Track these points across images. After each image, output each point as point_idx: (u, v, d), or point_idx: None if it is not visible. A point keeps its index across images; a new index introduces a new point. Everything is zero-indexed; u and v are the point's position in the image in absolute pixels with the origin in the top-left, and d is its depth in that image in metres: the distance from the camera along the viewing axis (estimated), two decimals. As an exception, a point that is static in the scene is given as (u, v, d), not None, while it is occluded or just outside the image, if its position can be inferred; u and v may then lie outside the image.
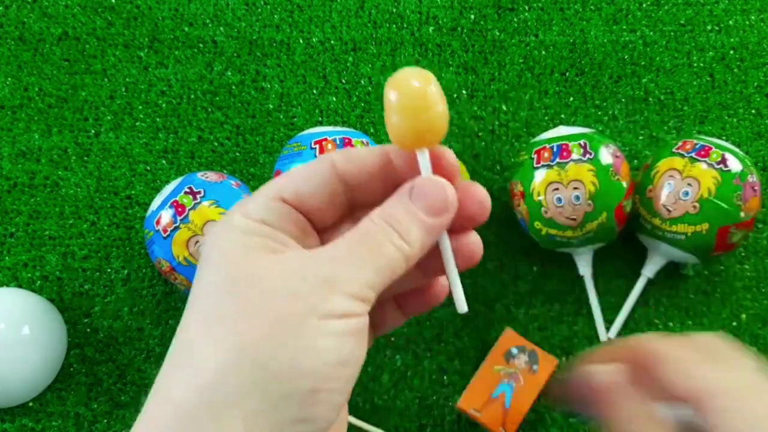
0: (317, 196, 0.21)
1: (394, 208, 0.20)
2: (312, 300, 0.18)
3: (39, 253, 0.47)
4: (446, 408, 0.44)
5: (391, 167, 0.22)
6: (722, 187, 0.40)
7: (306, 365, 0.17)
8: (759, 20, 0.54)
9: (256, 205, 0.20)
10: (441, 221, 0.21)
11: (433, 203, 0.20)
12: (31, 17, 0.53)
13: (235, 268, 0.19)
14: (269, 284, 0.18)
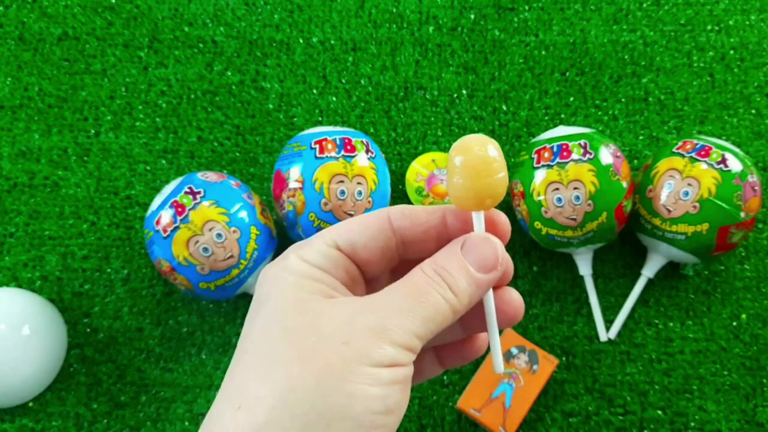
0: (370, 248, 0.22)
1: (446, 260, 0.21)
2: (362, 348, 0.18)
3: (39, 253, 0.47)
4: (446, 408, 0.44)
5: (445, 226, 0.23)
6: (722, 187, 0.40)
7: (353, 412, 0.18)
8: (759, 20, 0.54)
9: (312, 250, 0.21)
10: (490, 277, 0.21)
11: (484, 259, 0.21)
12: (31, 17, 0.53)
13: (290, 315, 0.19)
14: (322, 331, 0.19)
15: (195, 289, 0.40)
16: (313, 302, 0.20)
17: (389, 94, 0.52)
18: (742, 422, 0.44)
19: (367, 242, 0.22)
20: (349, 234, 0.22)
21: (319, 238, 0.22)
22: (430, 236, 0.23)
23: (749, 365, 0.45)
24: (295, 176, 0.41)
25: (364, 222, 0.22)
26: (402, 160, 0.50)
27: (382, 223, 0.22)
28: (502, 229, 0.23)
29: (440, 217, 0.22)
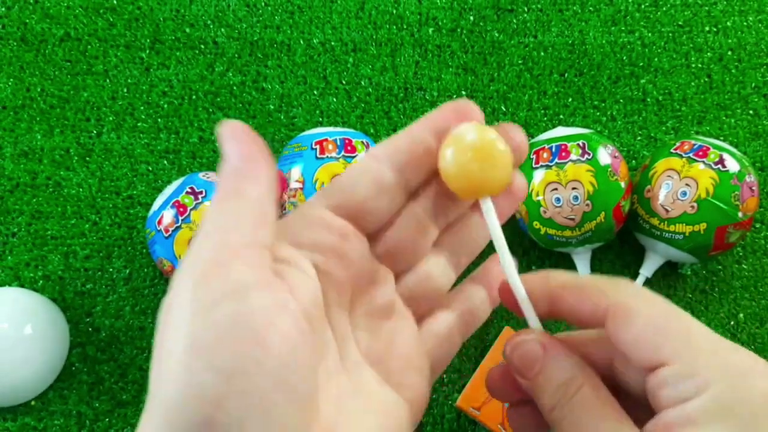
0: (365, 188, 0.20)
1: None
2: None
3: (41, 252, 0.47)
4: (446, 406, 0.44)
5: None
6: (720, 187, 0.41)
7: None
8: (756, 21, 0.54)
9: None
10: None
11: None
12: (33, 18, 0.53)
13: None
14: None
15: (196, 289, 0.41)
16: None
17: (389, 95, 0.52)
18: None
19: (355, 181, 0.20)
20: (337, 186, 0.20)
21: (307, 206, 0.20)
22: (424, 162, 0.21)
23: (747, 364, 0.45)
24: (295, 177, 0.41)
25: (348, 169, 0.21)
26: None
27: (362, 161, 0.21)
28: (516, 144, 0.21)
29: (419, 132, 0.21)
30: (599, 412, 0.19)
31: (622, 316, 0.19)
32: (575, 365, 0.20)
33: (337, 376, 0.19)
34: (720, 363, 0.17)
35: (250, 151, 0.18)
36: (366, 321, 0.21)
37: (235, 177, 0.18)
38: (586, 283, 0.20)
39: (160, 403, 0.16)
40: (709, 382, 0.17)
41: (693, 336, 0.18)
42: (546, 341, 0.20)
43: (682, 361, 0.17)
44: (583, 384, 0.19)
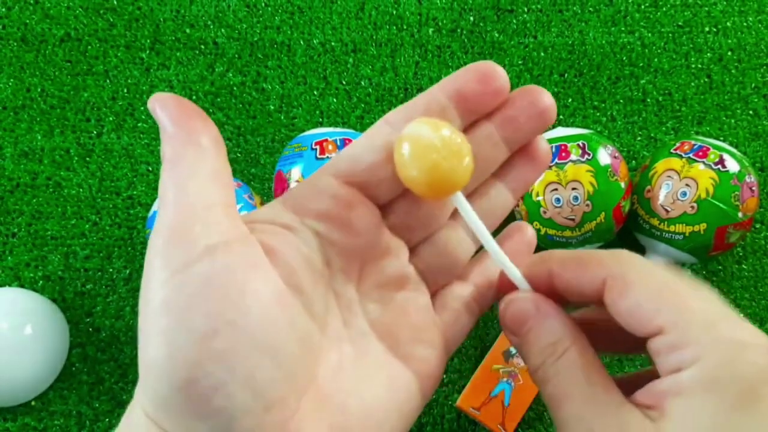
0: (374, 152, 0.19)
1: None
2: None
3: (41, 253, 0.47)
4: (445, 407, 0.44)
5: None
6: (720, 188, 0.41)
7: None
8: (756, 22, 0.54)
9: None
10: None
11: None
12: (33, 18, 0.53)
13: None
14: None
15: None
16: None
17: (389, 95, 0.52)
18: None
19: (364, 149, 0.20)
20: (345, 155, 0.20)
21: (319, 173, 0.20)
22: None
23: (747, 364, 0.45)
24: (296, 177, 0.41)
25: (359, 137, 0.20)
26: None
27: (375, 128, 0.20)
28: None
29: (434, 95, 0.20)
30: (582, 376, 0.18)
31: (618, 287, 0.18)
32: (564, 327, 0.19)
33: (340, 344, 0.19)
34: (715, 335, 0.17)
35: (182, 113, 0.18)
36: (377, 292, 0.21)
37: (176, 142, 0.18)
38: (584, 256, 0.20)
39: (146, 367, 0.16)
40: (701, 354, 0.16)
41: (690, 307, 0.17)
42: (539, 301, 0.20)
43: (675, 330, 0.17)
44: (569, 347, 0.19)
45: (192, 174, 0.17)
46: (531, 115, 0.20)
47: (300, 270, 0.18)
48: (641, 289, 0.18)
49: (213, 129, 0.18)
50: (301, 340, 0.17)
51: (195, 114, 0.18)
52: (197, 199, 0.17)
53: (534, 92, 0.20)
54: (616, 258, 0.19)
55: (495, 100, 0.20)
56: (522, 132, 0.21)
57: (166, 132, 0.18)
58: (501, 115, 0.20)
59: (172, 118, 0.18)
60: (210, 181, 0.17)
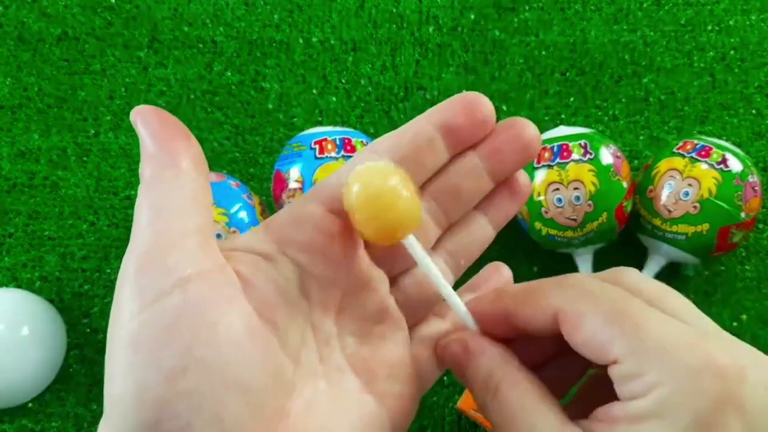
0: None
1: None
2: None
3: (38, 253, 0.47)
4: (446, 408, 0.44)
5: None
6: (723, 188, 0.40)
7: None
8: (759, 20, 0.53)
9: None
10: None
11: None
12: (30, 17, 0.53)
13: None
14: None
15: (194, 290, 0.40)
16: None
17: (389, 94, 0.51)
18: (742, 423, 0.44)
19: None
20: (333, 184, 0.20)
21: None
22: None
23: (750, 366, 0.45)
24: (295, 176, 0.41)
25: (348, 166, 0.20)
26: (402, 160, 0.50)
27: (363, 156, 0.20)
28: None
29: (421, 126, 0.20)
30: (516, 406, 0.18)
31: (570, 321, 0.18)
32: (494, 361, 0.19)
33: (314, 379, 0.19)
34: (669, 363, 0.16)
35: (166, 132, 0.17)
36: (355, 325, 0.20)
37: (156, 163, 0.17)
38: (532, 288, 0.19)
39: (111, 403, 0.16)
40: (655, 383, 0.16)
41: (643, 334, 0.17)
42: (468, 341, 0.20)
43: (629, 361, 0.17)
44: (501, 379, 0.19)
45: (170, 198, 0.17)
46: (515, 149, 0.20)
47: (276, 303, 0.18)
48: (592, 319, 0.17)
49: (196, 149, 0.18)
50: (273, 377, 0.17)
51: (178, 133, 0.18)
52: (174, 225, 0.17)
53: (519, 125, 0.20)
54: (565, 288, 0.19)
55: (481, 132, 0.20)
56: (506, 164, 0.21)
57: (147, 151, 0.17)
58: (486, 147, 0.21)
59: (154, 137, 0.17)
60: (188, 206, 0.17)
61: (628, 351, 0.17)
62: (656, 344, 0.17)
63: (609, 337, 0.17)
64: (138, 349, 0.15)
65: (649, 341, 0.17)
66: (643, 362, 0.17)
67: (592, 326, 0.17)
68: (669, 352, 0.16)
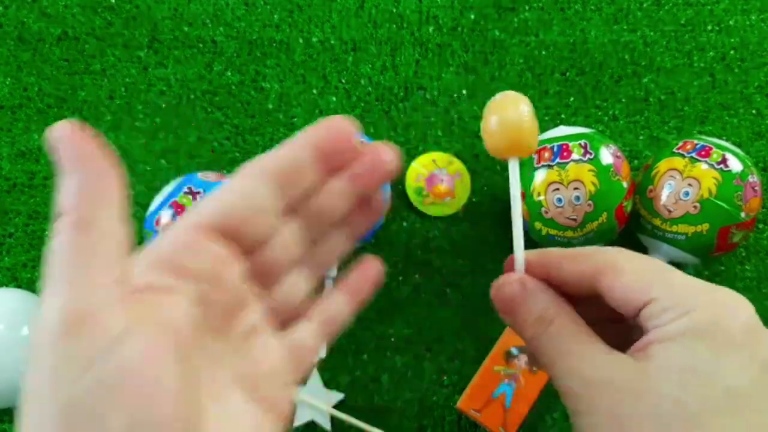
0: (244, 207, 0.20)
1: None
2: None
3: (38, 253, 0.47)
4: (446, 408, 0.44)
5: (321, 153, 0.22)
6: (723, 188, 0.40)
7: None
8: (759, 20, 0.53)
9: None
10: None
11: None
12: (30, 17, 0.53)
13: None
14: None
15: (195, 290, 0.40)
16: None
17: (389, 94, 0.51)
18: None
19: (236, 203, 0.20)
20: (212, 204, 0.20)
21: (175, 226, 0.20)
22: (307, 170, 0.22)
23: (750, 366, 0.45)
24: (294, 176, 0.41)
25: (223, 187, 0.21)
26: (402, 159, 0.50)
27: (242, 177, 0.21)
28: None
29: (298, 147, 0.21)
30: (570, 336, 0.22)
31: (611, 273, 0.21)
32: (549, 299, 0.23)
33: (212, 402, 0.19)
34: (704, 296, 0.20)
35: (91, 164, 0.17)
36: (235, 342, 0.21)
37: (80, 201, 0.16)
38: (577, 252, 0.23)
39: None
40: (689, 309, 0.19)
41: (677, 279, 0.21)
42: (525, 280, 0.24)
43: (667, 297, 0.20)
44: (555, 315, 0.22)
45: (94, 245, 0.16)
46: (375, 174, 0.22)
47: (185, 343, 0.18)
48: (632, 271, 0.21)
49: (122, 184, 0.18)
50: (195, 416, 0.17)
51: (105, 163, 0.17)
52: (98, 279, 0.16)
53: (379, 151, 0.22)
54: (605, 251, 0.23)
55: (347, 157, 0.22)
56: (366, 187, 0.23)
57: (71, 187, 0.16)
58: (350, 171, 0.23)
59: (83, 168, 0.16)
60: (113, 255, 0.16)
61: (665, 290, 0.20)
62: (689, 285, 0.20)
63: (648, 282, 0.21)
64: (72, 425, 0.14)
65: (684, 283, 0.20)
66: (680, 296, 0.20)
67: (632, 275, 0.21)
68: (701, 290, 0.20)
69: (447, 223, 0.48)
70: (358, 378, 0.45)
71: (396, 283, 0.47)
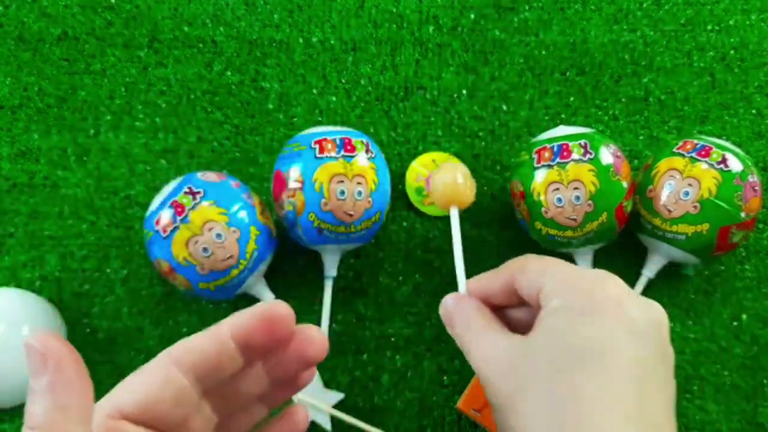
0: (165, 402, 0.21)
1: None
2: None
3: (38, 253, 0.47)
4: (446, 408, 0.44)
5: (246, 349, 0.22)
6: (723, 187, 0.40)
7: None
8: (759, 20, 0.54)
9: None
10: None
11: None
12: (30, 17, 0.53)
13: None
14: None
15: (194, 290, 0.40)
16: None
17: (389, 93, 0.51)
18: (742, 422, 0.44)
19: (157, 395, 0.20)
20: (133, 394, 0.20)
21: (97, 410, 0.20)
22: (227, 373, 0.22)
23: (750, 365, 0.45)
24: (294, 176, 0.41)
25: (145, 373, 0.21)
26: (402, 159, 0.50)
27: (164, 368, 0.21)
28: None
29: (225, 340, 0.22)
30: (479, 329, 0.29)
31: (519, 273, 0.29)
32: (471, 305, 0.31)
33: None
34: (579, 278, 0.27)
35: (72, 382, 0.18)
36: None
37: (51, 418, 0.17)
38: (500, 267, 0.31)
39: None
40: (567, 290, 0.27)
41: (562, 268, 0.28)
42: (459, 296, 0.32)
43: (552, 283, 0.28)
44: (473, 315, 0.30)
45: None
46: (299, 364, 0.24)
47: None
48: (530, 270, 0.29)
49: (90, 387, 0.18)
50: None
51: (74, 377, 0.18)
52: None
53: (305, 343, 0.23)
54: (517, 259, 0.31)
55: (276, 347, 0.23)
56: (287, 374, 0.24)
57: (40, 400, 0.17)
58: (275, 358, 0.24)
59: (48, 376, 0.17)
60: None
61: (550, 280, 0.28)
62: (566, 274, 0.28)
63: (541, 274, 0.28)
64: None
65: (561, 273, 0.28)
66: (558, 282, 0.28)
67: (530, 272, 0.29)
68: (570, 277, 0.28)
69: (447, 223, 0.48)
70: (358, 378, 0.45)
71: (396, 283, 0.47)
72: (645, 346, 0.25)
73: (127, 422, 0.20)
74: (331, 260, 0.44)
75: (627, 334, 0.25)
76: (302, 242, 0.43)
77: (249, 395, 0.24)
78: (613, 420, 0.23)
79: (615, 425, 0.23)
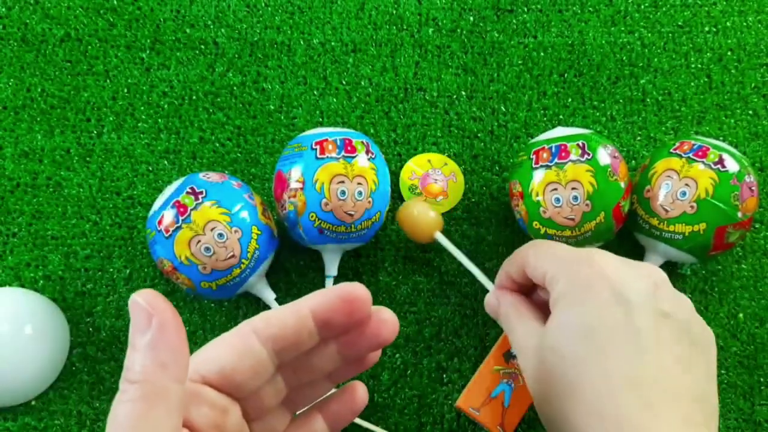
0: (242, 371, 0.21)
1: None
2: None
3: (41, 252, 0.47)
4: (445, 406, 0.44)
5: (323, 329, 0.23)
6: (719, 188, 0.41)
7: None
8: (756, 21, 0.54)
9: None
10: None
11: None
12: (33, 18, 0.53)
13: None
14: None
15: (197, 289, 0.41)
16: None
17: (389, 95, 0.52)
18: (739, 420, 0.44)
19: (237, 364, 0.21)
20: (215, 361, 0.21)
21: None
22: (306, 352, 0.23)
23: (747, 364, 0.45)
24: (296, 177, 0.41)
25: (226, 342, 0.21)
26: (402, 160, 0.50)
27: (245, 338, 0.21)
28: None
29: (305, 316, 0.22)
30: (516, 319, 0.34)
31: (527, 260, 0.34)
32: (510, 299, 0.36)
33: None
34: (567, 268, 0.31)
35: (173, 342, 0.18)
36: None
37: (153, 370, 0.18)
38: (514, 254, 0.36)
39: None
40: (560, 278, 0.31)
41: (558, 256, 0.32)
42: (497, 293, 0.38)
43: (550, 272, 0.32)
44: (512, 306, 0.35)
45: (156, 428, 0.17)
46: (372, 345, 0.24)
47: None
48: (533, 255, 0.34)
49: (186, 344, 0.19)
50: None
51: (183, 343, 0.18)
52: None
53: (381, 327, 0.23)
54: (523, 247, 0.36)
55: (353, 327, 0.23)
56: (360, 353, 0.25)
57: (142, 352, 0.18)
58: (349, 338, 0.24)
59: (166, 343, 0.18)
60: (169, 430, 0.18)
61: (550, 267, 0.32)
62: (563, 260, 0.32)
63: (543, 259, 0.33)
64: None
65: (560, 258, 0.32)
66: (556, 270, 0.31)
67: (534, 257, 0.33)
68: (568, 262, 0.31)
69: (447, 223, 0.48)
70: (358, 376, 0.45)
71: (396, 283, 0.47)
72: (639, 313, 0.27)
73: (207, 387, 0.21)
74: (332, 260, 0.45)
75: (617, 305, 0.28)
76: (303, 242, 0.43)
77: (320, 371, 0.24)
78: (613, 389, 0.26)
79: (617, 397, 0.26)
